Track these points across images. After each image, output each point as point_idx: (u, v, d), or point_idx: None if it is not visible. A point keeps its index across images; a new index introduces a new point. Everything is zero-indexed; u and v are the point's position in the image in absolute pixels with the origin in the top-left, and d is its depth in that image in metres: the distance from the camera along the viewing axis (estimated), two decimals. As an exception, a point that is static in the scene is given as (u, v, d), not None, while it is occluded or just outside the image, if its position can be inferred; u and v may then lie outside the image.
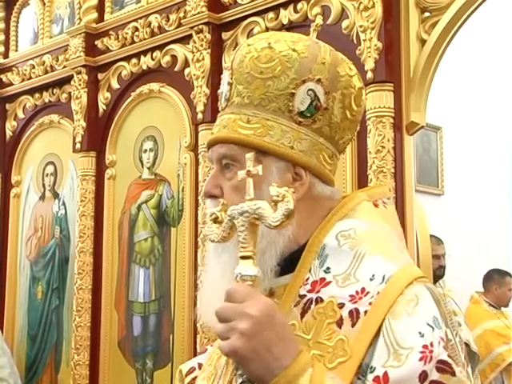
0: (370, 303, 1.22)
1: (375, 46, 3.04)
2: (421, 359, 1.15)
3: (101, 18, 4.23)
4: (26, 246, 4.51)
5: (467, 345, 4.85)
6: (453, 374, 1.16)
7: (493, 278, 5.82)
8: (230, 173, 1.33)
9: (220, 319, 1.17)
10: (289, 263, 1.33)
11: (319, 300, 1.28)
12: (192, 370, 1.54)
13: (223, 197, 1.33)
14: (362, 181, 3.04)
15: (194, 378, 1.51)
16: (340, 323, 1.24)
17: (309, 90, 1.33)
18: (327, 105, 1.34)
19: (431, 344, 1.16)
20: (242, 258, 1.20)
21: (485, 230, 6.50)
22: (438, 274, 4.45)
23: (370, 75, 3.03)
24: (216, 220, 1.25)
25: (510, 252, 5.93)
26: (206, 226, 1.28)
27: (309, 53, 1.34)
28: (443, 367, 1.15)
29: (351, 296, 1.25)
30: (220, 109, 1.41)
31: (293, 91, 1.32)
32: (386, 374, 1.16)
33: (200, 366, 1.52)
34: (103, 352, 3.96)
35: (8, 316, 4.51)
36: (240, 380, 1.20)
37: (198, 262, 3.51)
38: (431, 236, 4.10)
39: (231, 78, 1.36)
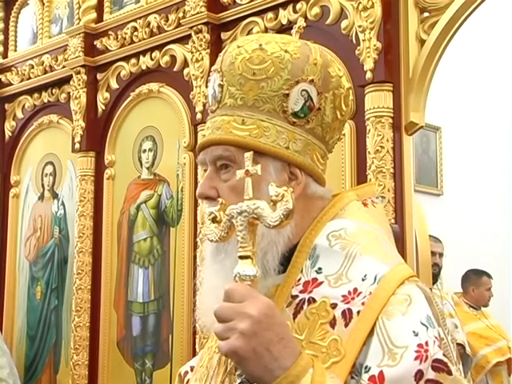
0: (363, 303, 1.23)
1: (374, 46, 3.04)
2: (416, 358, 1.15)
3: (100, 18, 4.23)
4: (25, 246, 4.51)
5: (463, 346, 4.83)
6: (449, 372, 1.16)
7: (469, 278, 5.61)
8: (227, 174, 1.33)
9: (219, 319, 1.16)
10: (281, 263, 1.33)
11: (312, 300, 1.28)
12: (185, 373, 1.55)
13: (219, 198, 1.32)
14: (361, 181, 3.04)
15: (188, 382, 1.51)
16: (333, 323, 1.24)
17: (302, 90, 1.33)
18: (320, 105, 1.35)
19: (426, 343, 1.17)
20: (241, 257, 1.19)
21: (484, 230, 6.50)
22: (431, 272, 4.37)
23: (369, 75, 3.03)
24: (214, 220, 1.24)
25: (509, 252, 5.92)
26: (204, 225, 1.28)
27: (301, 53, 1.34)
28: (439, 366, 1.16)
29: (344, 296, 1.25)
30: (210, 111, 1.40)
31: (287, 92, 1.33)
32: (381, 373, 1.16)
33: (192, 368, 1.52)
34: (102, 352, 3.96)
35: (7, 316, 4.51)
36: (239, 380, 1.19)
37: (197, 262, 3.51)
38: (430, 236, 4.06)
39: (222, 80, 1.36)
